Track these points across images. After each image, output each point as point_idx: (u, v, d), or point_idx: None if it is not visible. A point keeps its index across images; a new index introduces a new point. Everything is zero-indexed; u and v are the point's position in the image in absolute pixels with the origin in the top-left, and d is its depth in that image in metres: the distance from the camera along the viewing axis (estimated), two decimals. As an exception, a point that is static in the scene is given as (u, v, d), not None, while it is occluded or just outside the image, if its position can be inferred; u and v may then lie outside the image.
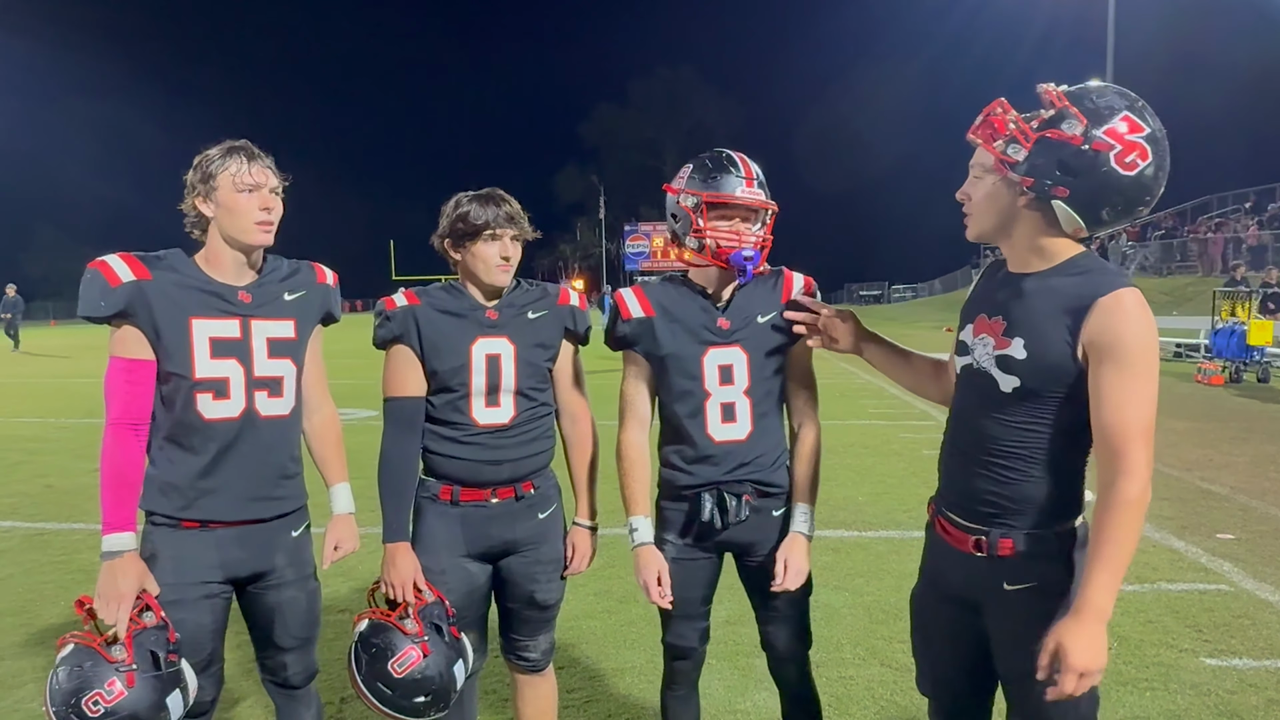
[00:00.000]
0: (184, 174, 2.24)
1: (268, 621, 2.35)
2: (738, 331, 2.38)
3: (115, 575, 2.08)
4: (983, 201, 1.88)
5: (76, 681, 1.97)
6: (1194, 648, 3.88)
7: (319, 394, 2.46)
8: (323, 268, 2.44)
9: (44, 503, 6.96)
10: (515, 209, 2.42)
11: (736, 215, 2.33)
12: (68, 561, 5.39)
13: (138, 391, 2.15)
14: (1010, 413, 1.84)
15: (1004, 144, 1.79)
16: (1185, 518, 5.89)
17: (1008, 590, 1.87)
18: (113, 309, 2.12)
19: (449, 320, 2.41)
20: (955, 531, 1.96)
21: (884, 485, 6.93)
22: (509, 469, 2.44)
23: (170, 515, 2.19)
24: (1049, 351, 1.78)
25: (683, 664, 2.55)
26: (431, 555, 2.44)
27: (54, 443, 9.83)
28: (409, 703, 2.25)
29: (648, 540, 2.42)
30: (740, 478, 2.38)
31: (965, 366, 1.96)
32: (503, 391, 2.42)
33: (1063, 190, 1.74)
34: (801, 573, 2.36)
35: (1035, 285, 1.84)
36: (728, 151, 2.38)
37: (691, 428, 2.39)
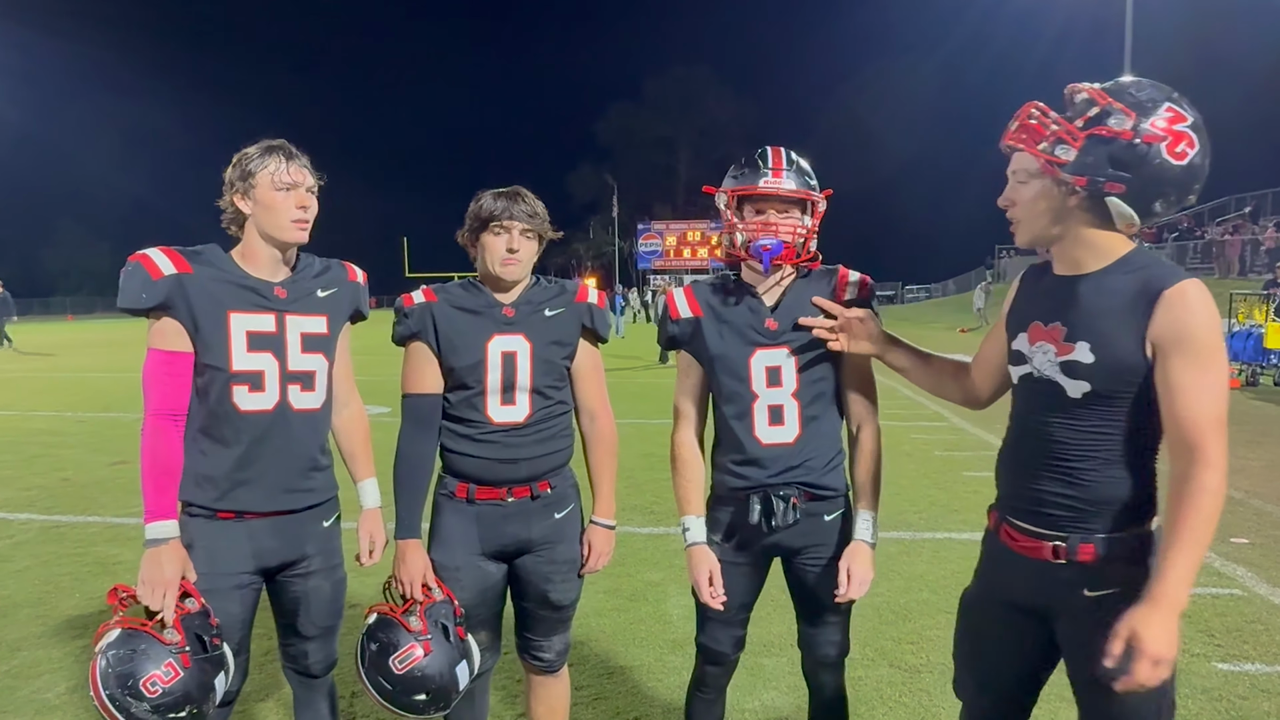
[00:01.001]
0: (202, 170, 2.29)
1: (293, 609, 2.39)
2: (786, 333, 2.35)
3: (160, 562, 2.12)
4: (1031, 206, 1.85)
5: (131, 664, 2.01)
6: (1206, 652, 3.86)
7: (347, 390, 2.50)
8: (353, 266, 2.49)
9: (61, 496, 7.03)
10: (531, 206, 2.41)
11: (769, 207, 2.31)
12: (83, 554, 5.44)
13: (176, 383, 2.19)
14: (1081, 417, 1.82)
15: (1049, 146, 1.77)
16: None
17: (1088, 597, 1.83)
18: (153, 301, 2.16)
19: (465, 317, 2.42)
20: (1026, 539, 1.92)
21: (895, 486, 6.91)
22: (525, 468, 2.44)
23: (206, 506, 2.23)
24: (1117, 352, 1.76)
25: (714, 669, 2.52)
26: (447, 552, 2.45)
27: (71, 436, 9.92)
28: (407, 699, 2.26)
29: (700, 540, 2.39)
30: (788, 480, 2.33)
31: (1024, 375, 1.93)
32: (518, 390, 2.43)
33: (1117, 186, 1.72)
34: (865, 582, 2.30)
35: (1092, 286, 1.82)
36: (766, 147, 2.37)
37: (739, 430, 2.37)
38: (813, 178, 2.37)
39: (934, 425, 10.10)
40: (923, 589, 4.72)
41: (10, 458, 8.62)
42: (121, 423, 10.88)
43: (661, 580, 4.85)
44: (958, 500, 6.51)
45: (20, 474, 7.85)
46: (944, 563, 5.13)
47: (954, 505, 6.37)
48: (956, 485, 6.98)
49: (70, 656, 3.90)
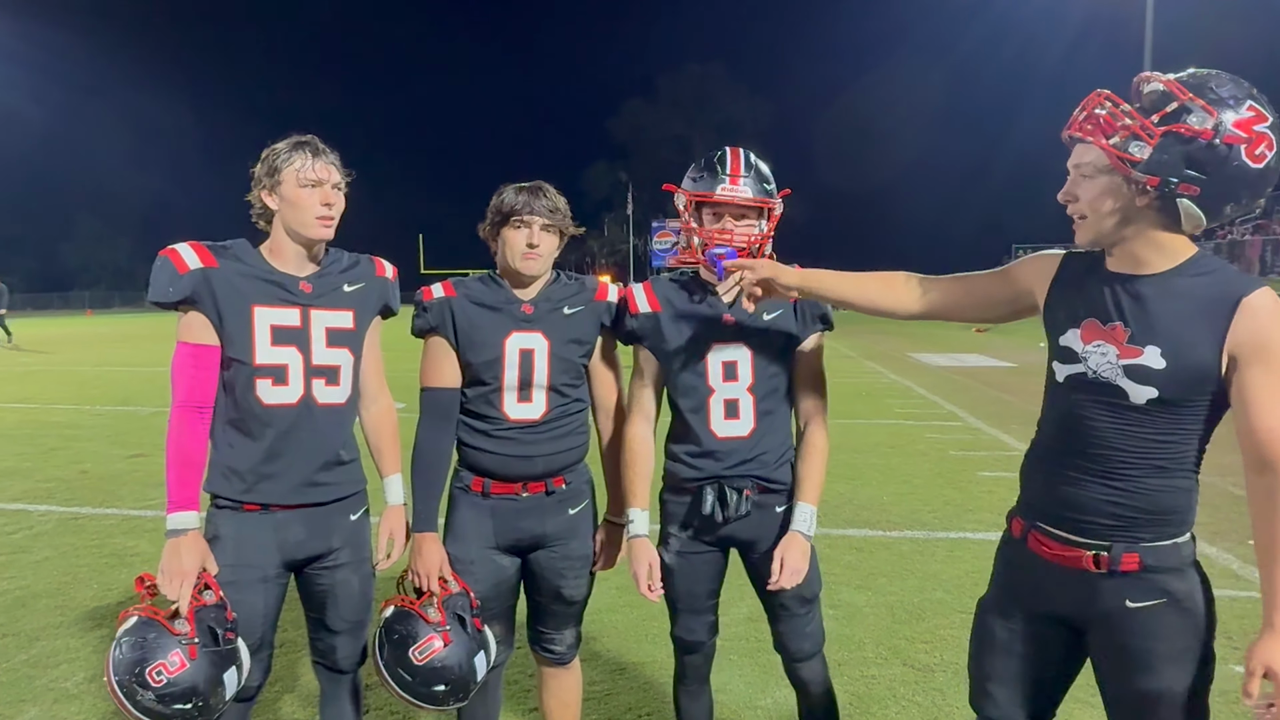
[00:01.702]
0: (220, 166, 2.35)
1: (321, 604, 2.40)
2: (743, 329, 2.38)
3: (179, 552, 2.14)
4: (1098, 203, 1.73)
5: (140, 652, 2.03)
6: (1223, 655, 3.77)
7: (376, 385, 2.51)
8: (382, 261, 2.50)
9: (79, 487, 7.09)
10: (553, 201, 2.41)
11: (725, 213, 2.36)
12: (101, 545, 5.49)
13: (203, 376, 2.21)
14: (1143, 424, 1.74)
15: (1122, 141, 1.66)
16: (1217, 524, 5.81)
17: (1130, 608, 1.77)
18: (179, 295, 2.19)
19: (484, 313, 2.43)
20: (1061, 547, 1.84)
21: (909, 485, 6.88)
22: (541, 464, 2.45)
23: (233, 499, 2.25)
24: (1192, 359, 1.68)
25: (692, 658, 2.56)
26: (462, 545, 2.46)
27: (89, 429, 10.01)
28: (427, 691, 2.27)
29: (643, 533, 2.42)
30: (742, 473, 2.38)
31: (1076, 375, 1.82)
32: (535, 387, 2.43)
33: (1192, 188, 1.63)
34: (798, 573, 2.32)
35: (1159, 288, 1.73)
36: (725, 150, 2.40)
37: (695, 423, 2.41)
38: (770, 182, 2.41)
39: (948, 425, 10.05)
40: (937, 588, 4.70)
41: (30, 450, 8.71)
42: (139, 416, 10.98)
43: (674, 577, 4.85)
44: (972, 500, 6.48)
45: (40, 466, 7.93)
46: (958, 562, 5.11)
47: (968, 505, 6.34)
48: (971, 485, 6.94)
49: (88, 646, 3.95)
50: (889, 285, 2.16)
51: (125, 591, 4.65)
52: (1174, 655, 1.76)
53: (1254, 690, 1.66)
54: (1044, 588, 1.90)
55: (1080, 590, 1.83)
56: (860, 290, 2.16)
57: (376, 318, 2.46)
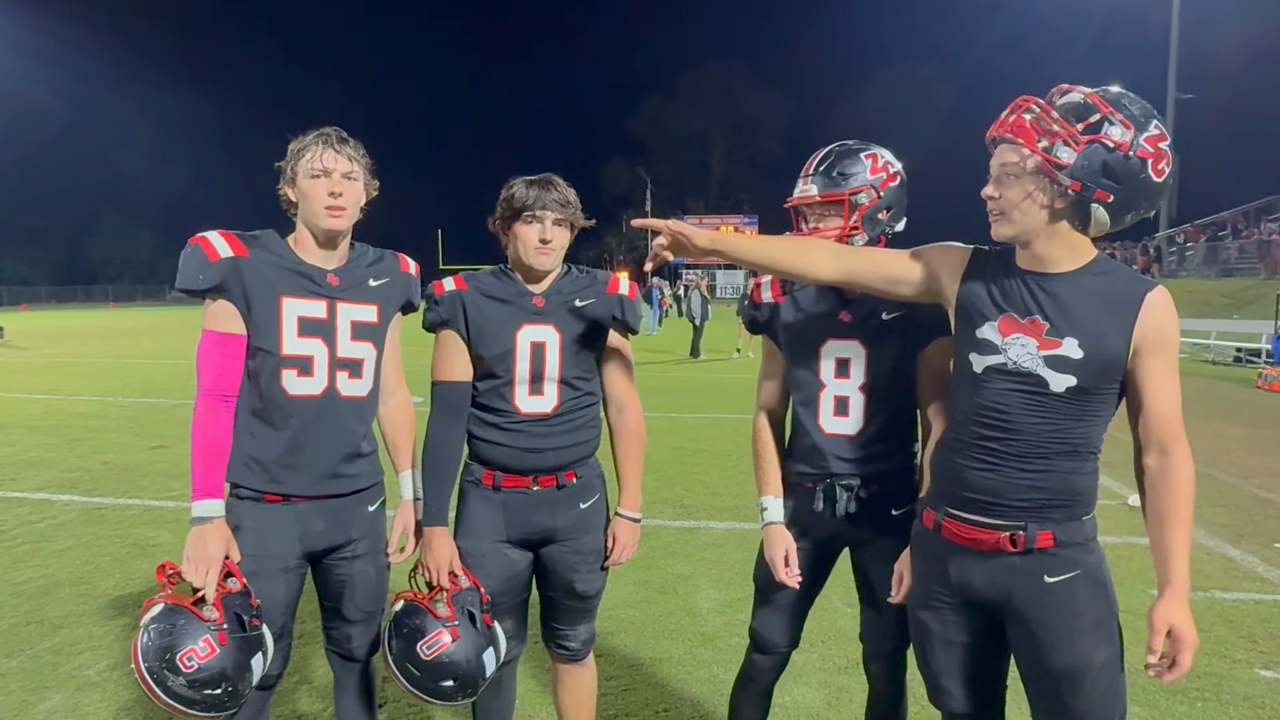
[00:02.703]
0: (242, 161, 2.38)
1: (337, 593, 2.41)
2: (859, 326, 2.34)
3: (205, 540, 2.14)
4: (1022, 203, 1.83)
5: (170, 639, 2.03)
6: (1248, 659, 3.78)
7: (394, 380, 2.52)
8: (406, 257, 2.51)
9: (102, 478, 7.17)
10: (563, 194, 2.40)
11: (810, 214, 2.41)
12: (123, 535, 5.54)
13: (229, 365, 2.22)
14: (1059, 410, 1.86)
15: (1050, 145, 1.77)
16: (1241, 526, 5.74)
17: (1048, 583, 1.88)
18: (209, 283, 2.19)
19: (495, 306, 2.42)
20: (977, 531, 1.93)
21: (928, 484, 6.85)
22: (552, 457, 2.44)
23: (254, 489, 2.26)
24: (1106, 349, 1.82)
25: (761, 659, 2.51)
26: (473, 540, 2.46)
27: (112, 421, 10.12)
28: (435, 685, 2.27)
29: (777, 519, 2.41)
30: (853, 472, 2.33)
31: (996, 366, 1.90)
32: (546, 380, 2.43)
33: (1105, 195, 1.77)
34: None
35: (1070, 285, 1.86)
36: (820, 152, 2.44)
37: (805, 417, 2.39)
38: (846, 173, 2.37)
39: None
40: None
41: (54, 440, 8.81)
42: (161, 408, 11.08)
43: (691, 573, 4.85)
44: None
45: (63, 456, 8.02)
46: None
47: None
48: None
49: (110, 635, 3.98)
50: (799, 250, 2.18)
51: (147, 581, 4.69)
52: (1091, 625, 1.87)
53: (1158, 647, 1.77)
54: (962, 575, 1.98)
55: (998, 572, 1.93)
56: (770, 253, 2.19)
57: (398, 313, 2.47)
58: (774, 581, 2.40)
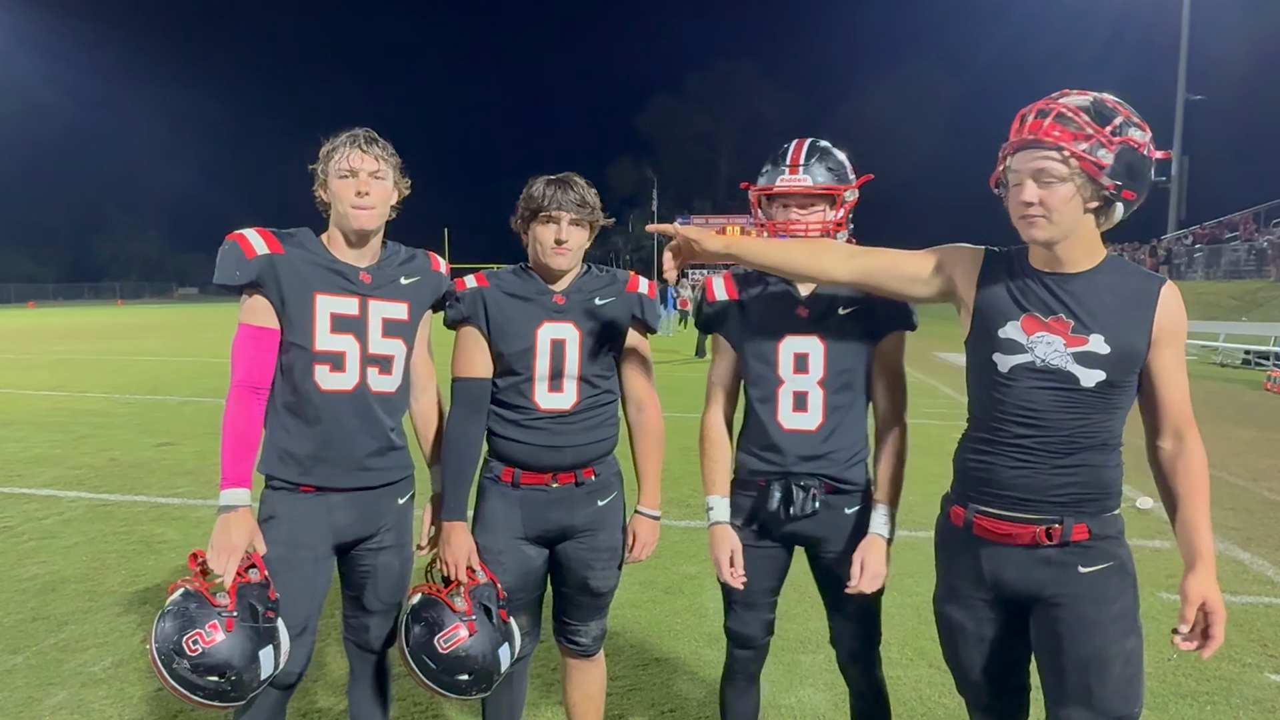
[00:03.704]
0: (250, 160, 2.44)
1: (362, 583, 2.43)
2: (817, 321, 2.36)
3: (230, 528, 2.17)
4: (1065, 206, 1.84)
5: (180, 620, 2.07)
6: (1258, 662, 3.75)
7: (425, 376, 2.54)
8: (437, 256, 2.54)
9: (108, 475, 7.18)
10: (581, 194, 2.40)
11: (791, 204, 2.37)
12: (129, 532, 5.55)
13: (262, 358, 2.26)
14: (1089, 405, 1.91)
15: (1090, 148, 1.80)
16: (1251, 529, 5.71)
17: (1083, 573, 1.93)
18: (246, 279, 2.24)
19: (516, 304, 2.43)
20: (1011, 526, 1.97)
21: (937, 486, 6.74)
22: (570, 455, 2.45)
23: (289, 481, 2.30)
24: (1130, 343, 1.89)
25: (743, 653, 2.54)
26: (490, 535, 2.47)
27: (119, 418, 10.14)
28: (451, 679, 2.27)
29: (723, 519, 2.43)
30: (810, 470, 2.35)
31: (1022, 365, 1.94)
32: (566, 377, 2.44)
33: (1131, 194, 1.84)
34: (878, 577, 2.31)
35: (1088, 284, 1.92)
36: (792, 142, 2.42)
37: (763, 414, 2.39)
38: (842, 168, 2.40)
39: (975, 425, 9.93)
40: (963, 590, 4.64)
41: (61, 437, 8.83)
42: (168, 405, 11.10)
43: (698, 573, 4.83)
44: (999, 501, 6.38)
45: (70, 453, 8.04)
46: (985, 564, 5.04)
47: (995, 506, 6.24)
48: (998, 486, 6.84)
49: (115, 631, 3.99)
50: (814, 252, 2.20)
51: (153, 578, 4.69)
52: (1121, 614, 1.93)
53: (1190, 616, 1.81)
54: (995, 570, 2.02)
55: (1032, 565, 1.97)
56: (786, 256, 2.20)
57: (429, 311, 2.49)
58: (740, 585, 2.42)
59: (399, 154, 2.39)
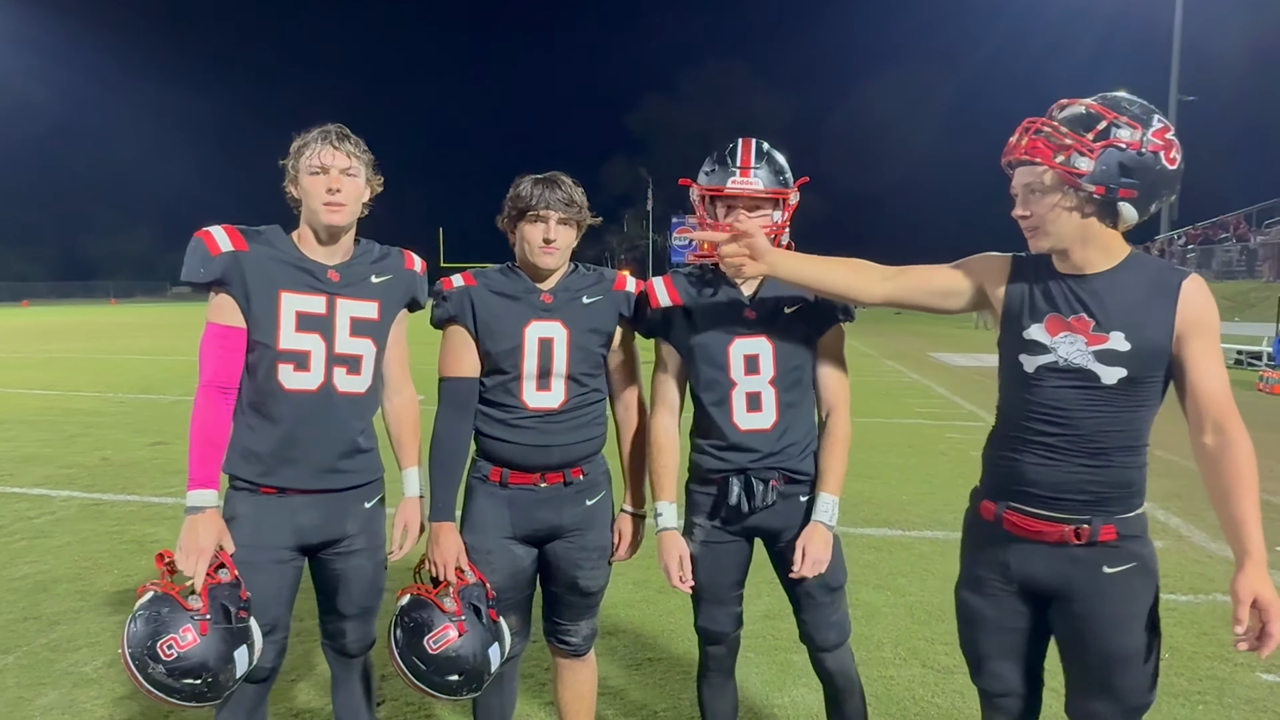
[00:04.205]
0: (240, 158, 2.40)
1: (333, 588, 2.41)
2: (764, 322, 2.38)
3: (197, 529, 2.16)
4: (1053, 216, 1.93)
5: (153, 625, 2.04)
6: (1249, 662, 3.76)
7: (400, 377, 2.52)
8: (411, 254, 2.51)
9: (100, 474, 7.15)
10: (568, 193, 2.39)
11: (738, 206, 2.37)
12: (121, 532, 5.53)
13: (229, 357, 2.24)
14: (1113, 403, 1.95)
15: (1067, 159, 1.88)
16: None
17: (1108, 574, 1.97)
18: (210, 276, 2.22)
19: (503, 302, 2.42)
20: (1040, 524, 2.01)
21: (929, 485, 6.83)
22: (559, 454, 2.45)
23: (251, 481, 2.28)
24: (1151, 339, 1.92)
25: (716, 649, 2.55)
26: (479, 535, 2.46)
27: (111, 417, 10.11)
28: (441, 680, 2.27)
29: (671, 525, 2.45)
30: (768, 465, 2.38)
31: (1047, 365, 2.00)
32: (554, 376, 2.43)
33: (1129, 192, 1.88)
34: (819, 563, 2.34)
35: (1109, 282, 1.96)
36: (737, 141, 2.42)
37: (717, 416, 2.41)
38: (786, 171, 2.41)
39: (969, 425, 9.96)
40: (956, 589, 4.65)
41: (52, 436, 8.80)
42: (160, 404, 11.07)
43: (691, 573, 4.82)
44: (992, 501, 6.38)
45: (61, 453, 8.00)
46: (978, 564, 5.05)
47: (988, 506, 6.24)
48: (991, 486, 6.84)
49: (107, 631, 3.97)
50: (852, 272, 2.24)
51: (144, 577, 4.66)
52: (1141, 613, 1.98)
53: (1244, 617, 1.80)
54: (1023, 564, 2.06)
55: (1059, 562, 2.01)
56: (825, 275, 2.23)
57: (403, 310, 2.47)
58: (706, 581, 2.45)
59: (395, 152, 2.40)
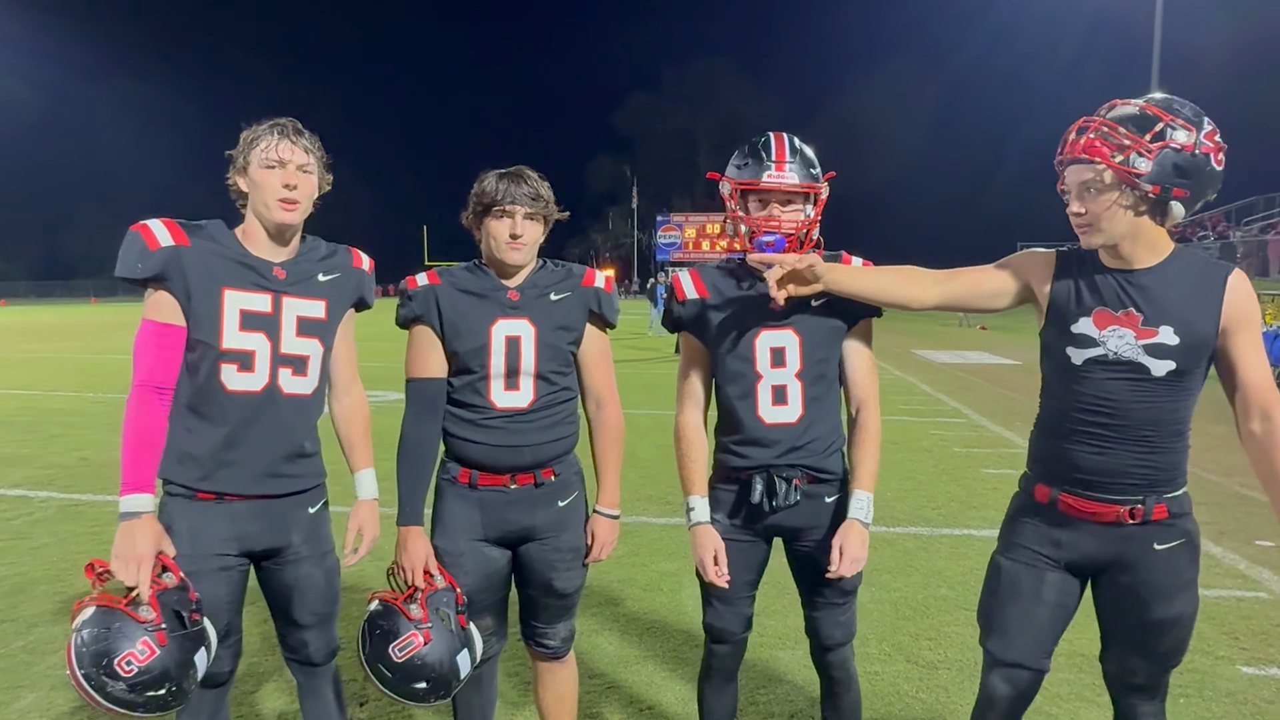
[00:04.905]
0: (223, 155, 2.27)
1: (286, 598, 2.34)
2: (791, 314, 2.35)
3: (134, 536, 2.07)
4: (1108, 215, 1.99)
5: (105, 643, 1.96)
6: (1231, 655, 3.79)
7: (348, 378, 2.46)
8: (360, 252, 2.44)
9: (79, 475, 7.08)
10: (535, 188, 2.36)
11: (771, 200, 2.34)
12: (100, 533, 5.47)
13: (166, 356, 2.15)
14: (1162, 394, 2.04)
15: (1125, 159, 1.94)
16: (1224, 523, 5.77)
17: (1158, 550, 2.09)
18: (148, 272, 2.13)
19: (470, 300, 2.39)
20: (1095, 505, 2.10)
21: (913, 482, 6.87)
22: (529, 454, 2.41)
23: (187, 485, 2.18)
24: (1198, 332, 2.01)
25: (721, 648, 2.53)
26: (450, 538, 2.42)
27: (90, 416, 10.01)
28: (407, 687, 2.24)
29: (704, 519, 2.41)
30: (791, 461, 2.35)
31: (1096, 358, 2.07)
32: (522, 375, 2.39)
33: (1182, 192, 1.95)
34: (858, 561, 2.31)
35: (1157, 278, 2.04)
36: (769, 135, 2.38)
37: (742, 410, 2.38)
38: (816, 166, 2.38)
39: (952, 422, 10.02)
40: (941, 585, 4.67)
41: (31, 437, 8.70)
42: (141, 404, 10.95)
43: (677, 571, 4.83)
44: (976, 497, 6.45)
45: (40, 453, 7.92)
46: (962, 559, 5.08)
47: (973, 502, 6.32)
48: (975, 482, 6.92)
49: (86, 634, 3.92)
50: (905, 280, 2.31)
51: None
52: (1186, 584, 2.11)
53: None
54: (1075, 541, 2.15)
55: (1111, 539, 2.11)
56: (880, 285, 2.30)
57: (351, 310, 2.41)
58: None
59: (379, 151, 2.39)
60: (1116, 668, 2.22)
